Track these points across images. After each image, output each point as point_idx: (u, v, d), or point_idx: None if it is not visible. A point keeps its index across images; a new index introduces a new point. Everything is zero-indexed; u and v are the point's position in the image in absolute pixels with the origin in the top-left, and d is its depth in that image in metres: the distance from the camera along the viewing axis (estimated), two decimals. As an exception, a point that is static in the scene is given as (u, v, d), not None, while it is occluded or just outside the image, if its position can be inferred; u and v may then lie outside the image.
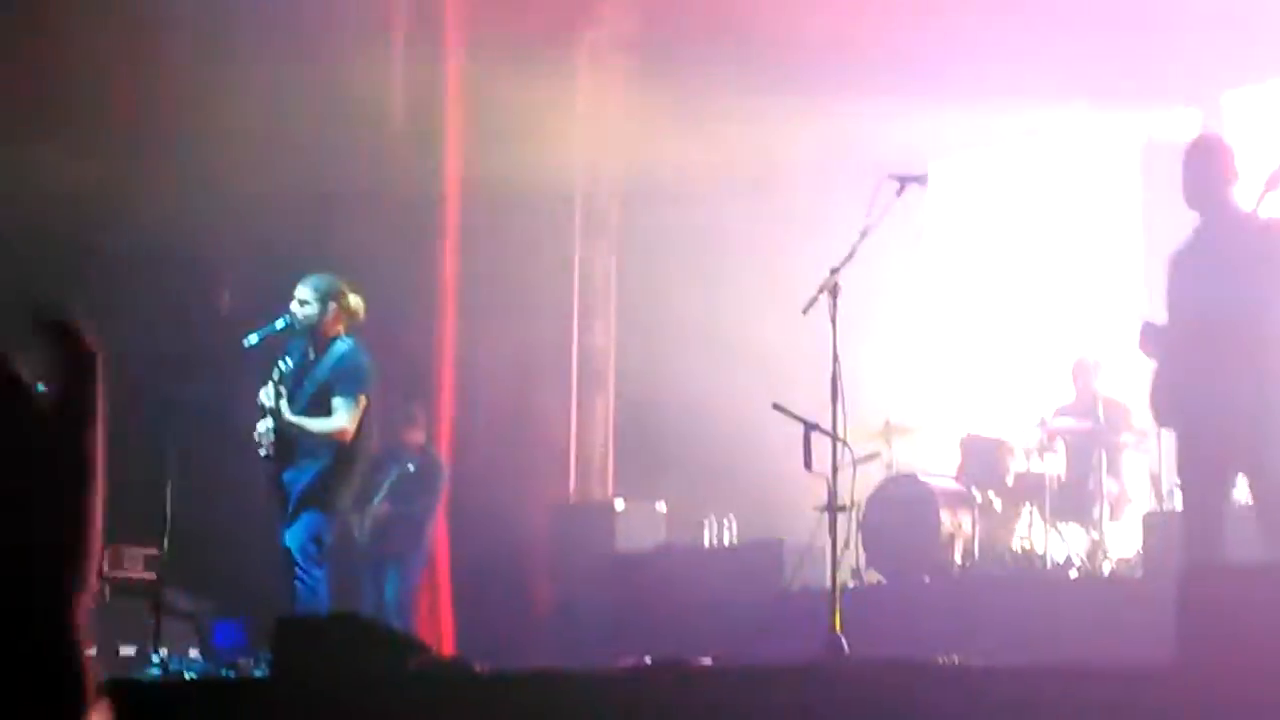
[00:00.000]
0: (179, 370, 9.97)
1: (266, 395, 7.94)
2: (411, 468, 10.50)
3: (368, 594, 10.37)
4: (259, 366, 8.20)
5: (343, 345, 8.08)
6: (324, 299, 8.07)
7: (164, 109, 10.83)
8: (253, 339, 8.00)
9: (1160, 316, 6.51)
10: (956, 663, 5.03)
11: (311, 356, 8.07)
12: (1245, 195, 6.27)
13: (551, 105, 12.11)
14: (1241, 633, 3.95)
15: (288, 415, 7.89)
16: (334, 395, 7.96)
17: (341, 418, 7.93)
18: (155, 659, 8.56)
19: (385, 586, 10.40)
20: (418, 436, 10.78)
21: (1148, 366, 6.58)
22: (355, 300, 8.18)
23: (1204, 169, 6.34)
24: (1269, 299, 6.16)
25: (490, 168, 11.68)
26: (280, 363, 8.00)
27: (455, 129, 12.43)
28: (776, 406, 7.13)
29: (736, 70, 11.45)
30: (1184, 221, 6.48)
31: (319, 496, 7.94)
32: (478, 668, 6.43)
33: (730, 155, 11.17)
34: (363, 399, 7.99)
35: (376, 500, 10.29)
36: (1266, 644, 3.88)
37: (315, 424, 7.97)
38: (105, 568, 10.35)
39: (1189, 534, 6.34)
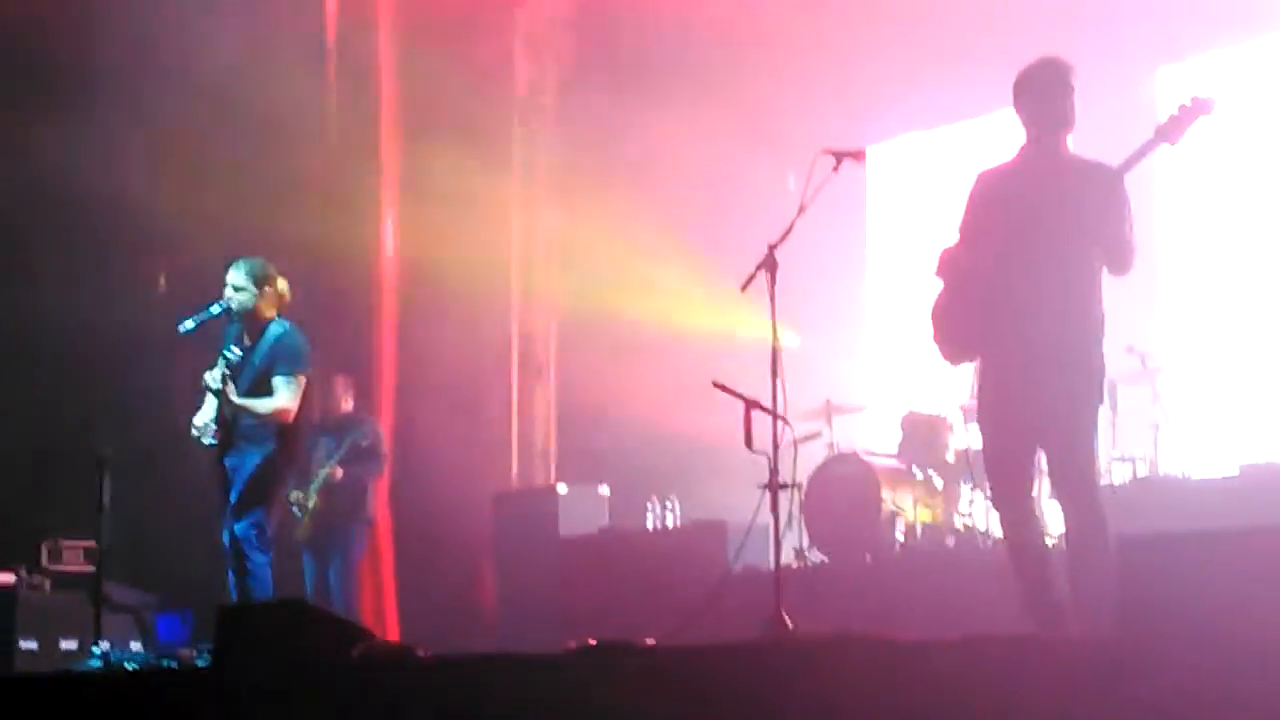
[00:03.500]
0: (115, 359, 9.91)
1: (213, 378, 7.96)
2: (364, 439, 10.48)
3: (310, 576, 10.32)
4: (195, 355, 8.16)
5: (278, 328, 8.15)
6: (258, 283, 8.13)
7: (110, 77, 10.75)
8: (188, 325, 7.97)
9: None
10: (898, 638, 5.06)
11: (248, 342, 8.08)
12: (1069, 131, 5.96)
13: (489, 80, 12.08)
14: (1181, 601, 3.97)
15: (235, 397, 7.91)
16: (274, 376, 8.03)
17: (283, 397, 8.01)
18: (97, 651, 8.51)
19: (329, 568, 10.36)
20: (348, 406, 10.74)
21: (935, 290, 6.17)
22: (283, 284, 8.28)
23: (1047, 91, 5.96)
24: (1082, 247, 5.78)
25: (426, 150, 11.65)
26: (227, 351, 7.99)
27: (391, 108, 12.38)
28: (717, 384, 7.13)
29: (675, 50, 11.46)
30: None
31: (264, 485, 7.98)
32: (422, 653, 6.40)
33: (668, 135, 11.16)
34: (302, 378, 8.09)
35: (328, 467, 10.27)
36: (1206, 612, 3.91)
37: (260, 404, 8.01)
38: (45, 560, 10.29)
39: (992, 489, 6.18)
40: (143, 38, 10.71)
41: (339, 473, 10.29)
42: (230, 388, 7.91)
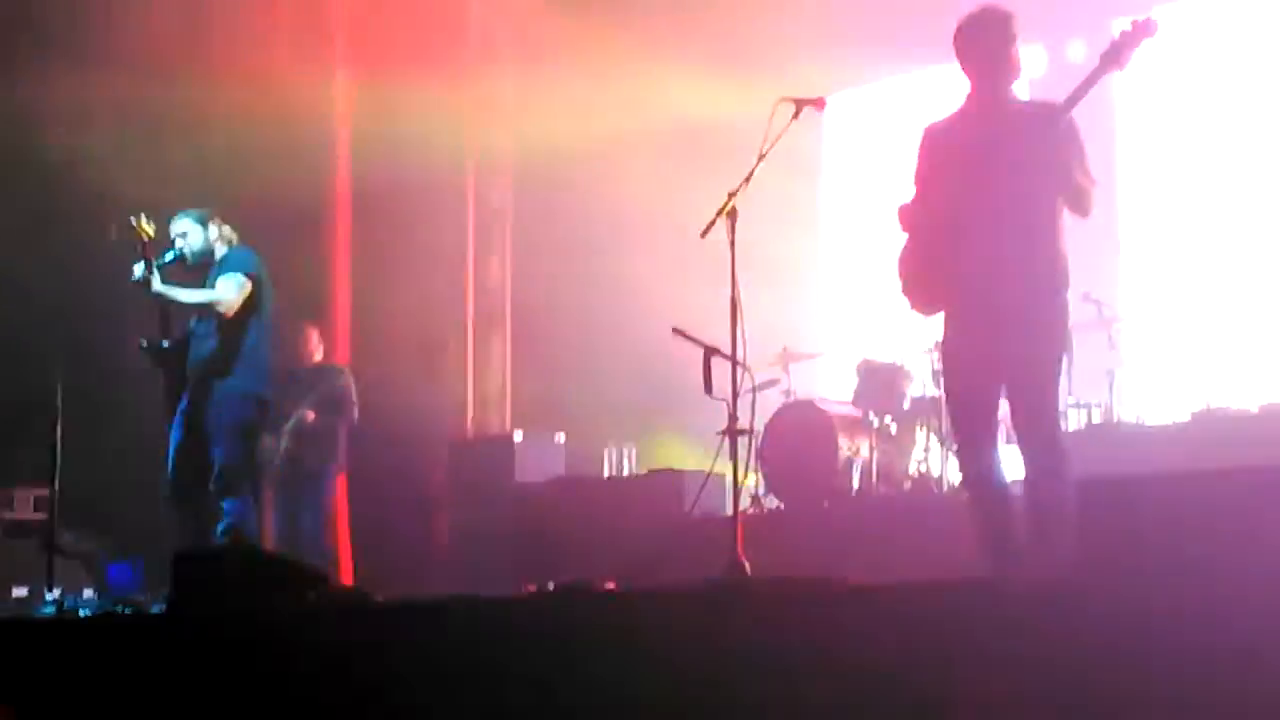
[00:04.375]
0: (65, 306, 9.81)
1: (137, 269, 7.82)
2: (338, 387, 10.51)
3: (278, 521, 10.33)
4: (147, 305, 8.08)
5: (232, 249, 8.15)
6: (203, 224, 8.14)
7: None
8: (138, 271, 7.86)
9: None
10: (855, 582, 5.07)
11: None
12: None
13: (444, 32, 11.98)
14: (1140, 542, 3.99)
15: (156, 285, 7.79)
16: (217, 278, 7.98)
17: (217, 291, 7.94)
18: (49, 598, 8.45)
19: (302, 511, 10.38)
20: (319, 355, 10.76)
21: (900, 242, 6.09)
22: (229, 228, 8.25)
23: (988, 39, 5.86)
24: (1038, 191, 5.70)
25: (382, 101, 11.55)
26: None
27: (346, 52, 12.28)
28: (676, 331, 7.12)
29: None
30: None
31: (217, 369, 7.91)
32: (377, 599, 6.40)
33: (625, 87, 11.10)
34: (245, 280, 7.99)
35: (301, 411, 10.27)
36: (1165, 555, 3.92)
37: (188, 294, 7.97)
38: (-5, 508, 10.23)
39: (956, 434, 6.17)
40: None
41: (310, 416, 10.30)
42: (154, 278, 7.76)
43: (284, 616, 5.85)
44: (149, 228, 7.80)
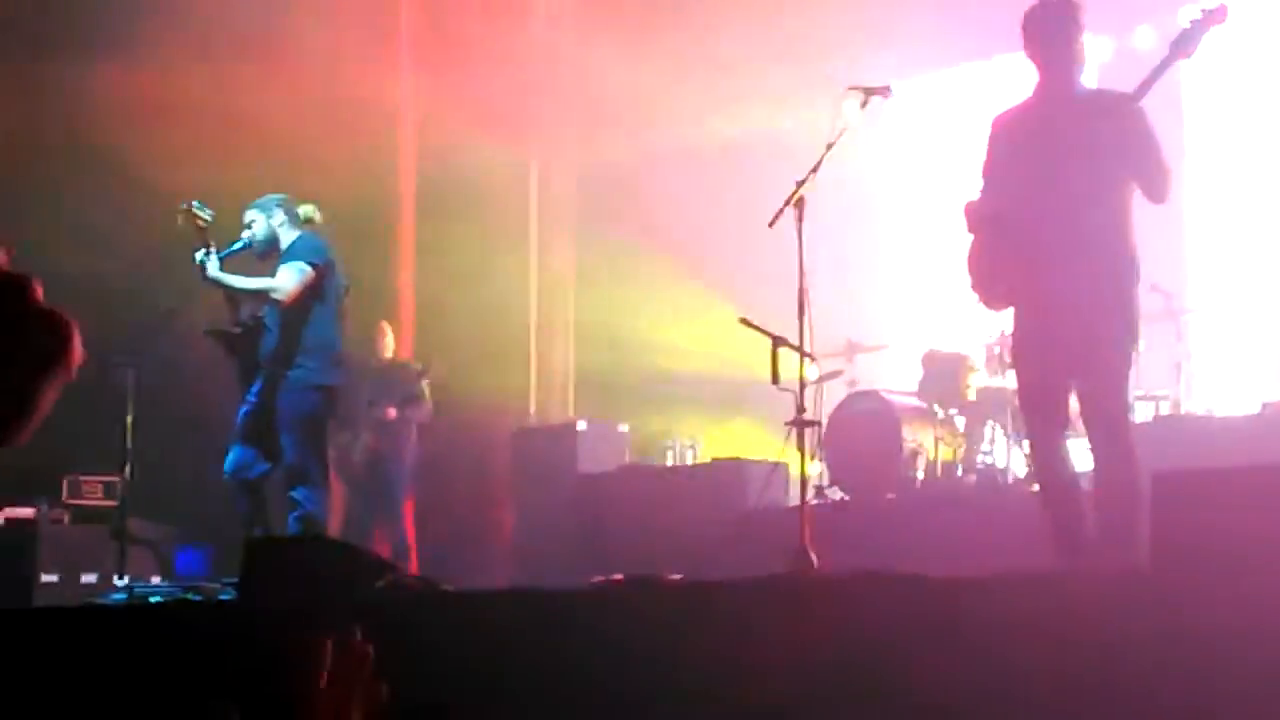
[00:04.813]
0: (136, 296, 9.89)
1: (196, 256, 7.69)
2: (414, 383, 10.78)
3: (359, 512, 10.58)
4: (215, 292, 8.10)
5: (297, 236, 7.99)
6: (267, 211, 8.00)
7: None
8: (197, 257, 7.79)
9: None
10: (925, 575, 5.06)
11: None
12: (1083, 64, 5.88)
13: (508, 28, 12.01)
14: (1212, 534, 3.97)
15: (212, 270, 7.67)
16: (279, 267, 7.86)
17: (277, 279, 7.77)
18: (119, 584, 8.53)
19: (382, 504, 10.72)
20: (390, 351, 11.05)
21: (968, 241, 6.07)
22: (307, 208, 8.09)
23: (1055, 29, 5.85)
24: (1107, 180, 5.69)
25: (447, 94, 11.60)
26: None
27: (410, 57, 12.33)
28: (744, 321, 7.12)
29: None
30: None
31: (281, 359, 7.81)
32: (447, 588, 6.42)
33: (691, 73, 11.11)
34: (310, 269, 7.79)
35: (381, 407, 10.60)
36: (1237, 545, 3.90)
37: (245, 281, 7.83)
38: (65, 495, 10.33)
39: (1026, 425, 6.14)
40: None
41: (392, 413, 10.64)
42: (210, 261, 7.64)
43: (353, 604, 5.89)
44: (205, 214, 7.72)
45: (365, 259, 10.64)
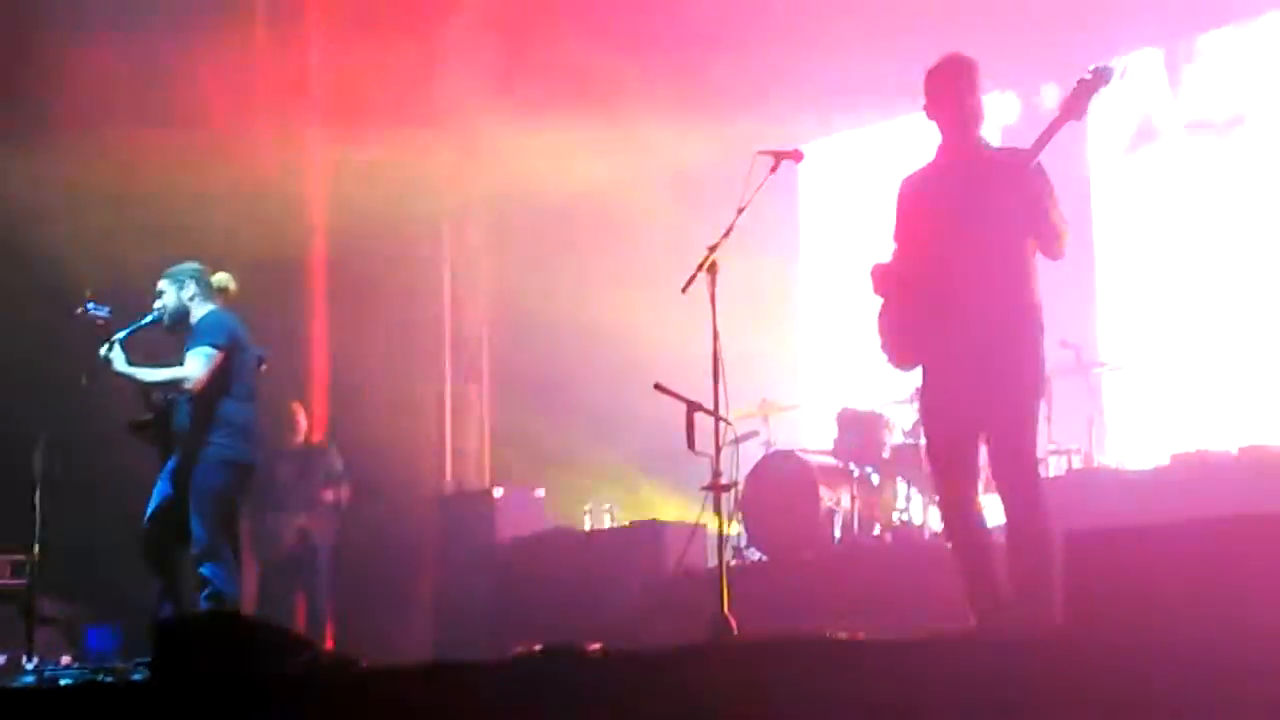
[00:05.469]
0: (44, 373, 9.76)
1: (101, 350, 7.65)
2: (337, 464, 10.81)
3: (280, 593, 10.50)
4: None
5: (205, 314, 7.89)
6: (179, 282, 7.92)
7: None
8: (120, 336, 7.77)
9: None
10: (845, 637, 5.05)
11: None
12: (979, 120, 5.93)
13: (417, 93, 12.00)
14: (1127, 593, 3.99)
15: (119, 365, 7.62)
16: (186, 351, 7.76)
17: (185, 367, 7.68)
18: (29, 666, 8.37)
19: (309, 586, 10.70)
20: (306, 433, 10.98)
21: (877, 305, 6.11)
22: (221, 276, 8.03)
23: (954, 89, 5.90)
24: (1010, 237, 5.73)
25: (358, 158, 11.57)
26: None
27: (318, 118, 12.30)
28: (659, 387, 7.12)
29: (606, 58, 11.46)
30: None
31: (194, 439, 7.73)
32: (364, 663, 6.35)
33: (601, 137, 11.13)
34: (216, 352, 7.71)
35: (313, 490, 10.63)
36: (1153, 605, 3.92)
37: (153, 373, 7.74)
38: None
39: (935, 480, 6.14)
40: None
41: (329, 495, 10.66)
42: (115, 355, 7.59)
43: (270, 683, 5.80)
44: (101, 312, 7.65)
45: (274, 330, 10.58)
